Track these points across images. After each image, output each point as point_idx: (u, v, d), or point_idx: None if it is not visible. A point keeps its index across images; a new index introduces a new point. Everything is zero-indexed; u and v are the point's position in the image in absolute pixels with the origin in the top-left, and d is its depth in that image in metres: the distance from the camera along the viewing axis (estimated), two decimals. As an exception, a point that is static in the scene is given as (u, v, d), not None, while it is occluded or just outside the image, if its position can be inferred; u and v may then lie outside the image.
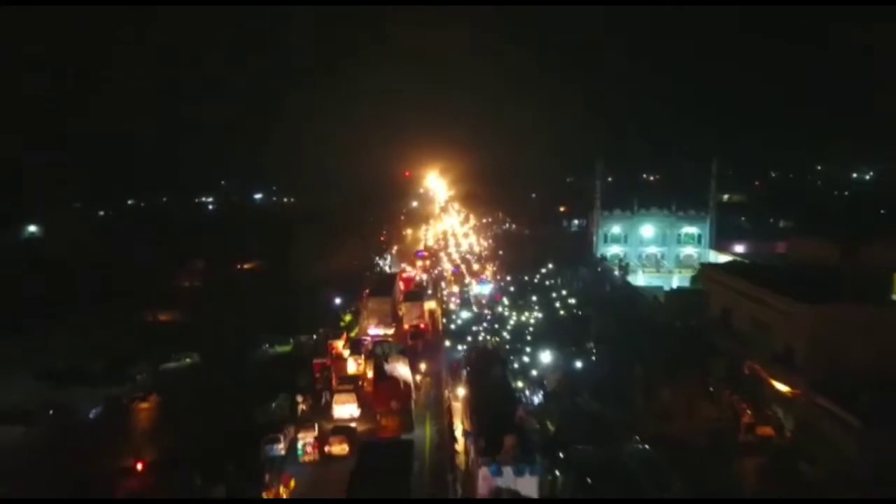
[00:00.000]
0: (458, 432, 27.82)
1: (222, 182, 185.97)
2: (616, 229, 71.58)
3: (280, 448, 27.30)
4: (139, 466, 26.95)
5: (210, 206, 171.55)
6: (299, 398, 32.26)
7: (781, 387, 28.97)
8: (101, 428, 31.85)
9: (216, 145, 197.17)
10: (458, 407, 30.39)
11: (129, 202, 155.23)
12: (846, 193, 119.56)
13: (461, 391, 30.32)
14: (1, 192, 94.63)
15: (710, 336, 35.23)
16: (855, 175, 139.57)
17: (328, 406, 31.97)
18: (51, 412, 32.49)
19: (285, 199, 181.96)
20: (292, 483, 23.81)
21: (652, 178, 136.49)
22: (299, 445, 26.80)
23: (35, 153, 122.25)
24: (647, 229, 70.47)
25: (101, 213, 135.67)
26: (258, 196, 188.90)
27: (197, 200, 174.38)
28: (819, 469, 24.80)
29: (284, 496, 23.09)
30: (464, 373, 31.66)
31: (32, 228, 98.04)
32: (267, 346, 44.83)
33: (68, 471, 26.30)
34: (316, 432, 27.44)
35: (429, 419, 31.64)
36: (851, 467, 24.11)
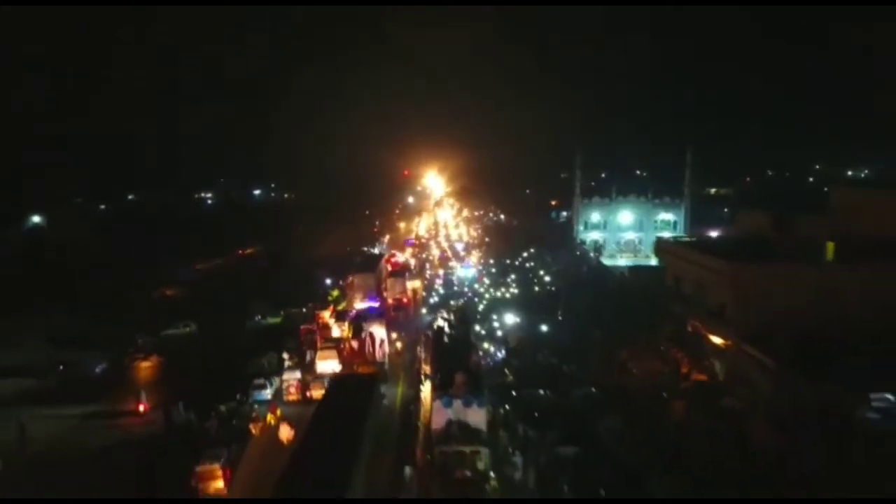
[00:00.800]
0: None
1: (221, 180, 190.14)
2: (595, 216, 74.96)
3: (267, 393, 30.67)
4: (141, 408, 30.38)
5: (209, 202, 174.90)
6: (286, 355, 35.45)
7: (716, 340, 32.29)
8: (105, 380, 35.27)
9: (216, 145, 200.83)
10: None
11: (130, 198, 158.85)
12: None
13: (428, 345, 33.71)
14: (5, 187, 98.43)
15: (663, 302, 38.58)
16: (850, 173, 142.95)
17: (312, 363, 35.15)
18: (60, 368, 35.82)
19: (286, 195, 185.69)
20: (279, 412, 27.14)
21: (643, 172, 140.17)
22: (284, 386, 30.19)
23: (37, 151, 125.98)
24: (626, 216, 73.81)
25: (102, 207, 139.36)
26: (257, 192, 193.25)
27: (196, 196, 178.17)
28: (740, 403, 28.12)
29: (272, 423, 26.32)
30: (430, 330, 35.05)
31: (36, 219, 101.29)
32: (259, 317, 48.22)
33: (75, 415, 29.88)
34: (300, 376, 30.84)
35: (402, 379, 34.99)
36: (767, 401, 27.42)
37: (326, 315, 44.71)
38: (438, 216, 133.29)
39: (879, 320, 28.01)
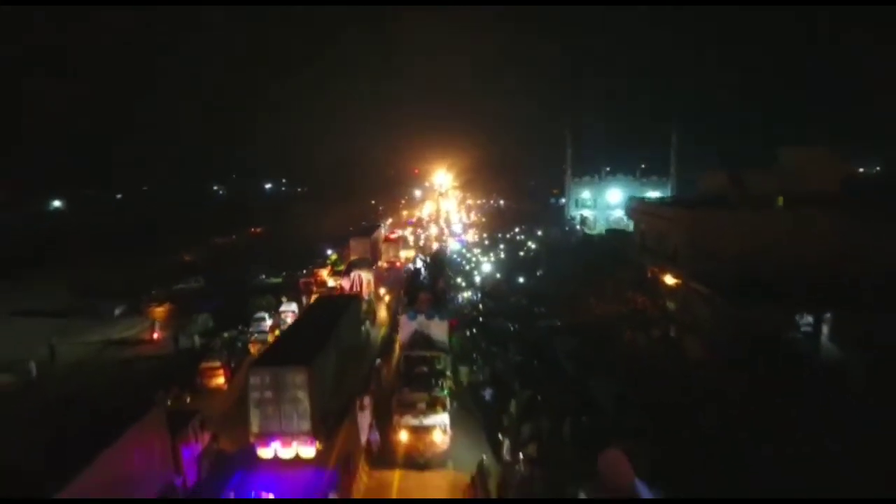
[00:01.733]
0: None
1: (234, 175, 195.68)
2: (585, 194, 78.10)
3: (266, 325, 34.46)
4: (155, 336, 34.47)
5: (220, 193, 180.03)
6: (283, 298, 39.36)
7: (670, 280, 35.65)
8: (122, 320, 39.40)
9: (230, 144, 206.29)
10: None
11: (144, 189, 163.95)
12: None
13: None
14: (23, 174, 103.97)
15: (630, 255, 41.97)
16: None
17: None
18: (81, 310, 40.03)
19: (298, 189, 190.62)
20: (276, 331, 31.04)
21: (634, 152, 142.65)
22: (282, 317, 34.05)
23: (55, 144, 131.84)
24: (614, 194, 76.76)
25: (119, 196, 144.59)
26: (268, 186, 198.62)
27: (211, 190, 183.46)
28: (686, 331, 31.51)
29: (270, 340, 30.14)
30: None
31: (56, 203, 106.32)
32: (263, 276, 52.22)
33: (97, 341, 34.07)
34: (296, 308, 34.73)
35: (388, 324, 38.73)
36: (710, 329, 30.80)
37: (324, 273, 48.75)
38: (442, 205, 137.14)
39: (810, 258, 31.22)
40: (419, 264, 42.33)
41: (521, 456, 18.73)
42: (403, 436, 19.71)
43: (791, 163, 36.98)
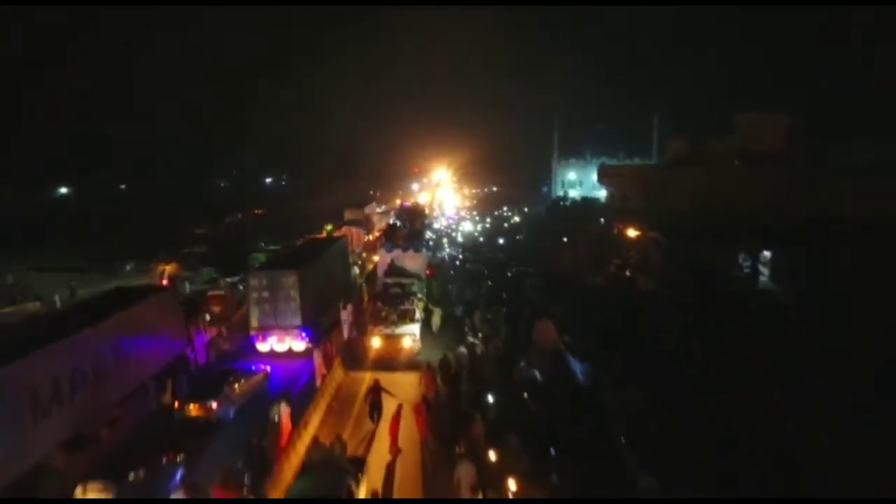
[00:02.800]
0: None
1: (234, 172, 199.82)
2: (571, 175, 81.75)
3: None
4: (164, 282, 38.16)
5: (222, 185, 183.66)
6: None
7: (632, 233, 39.31)
8: (133, 275, 43.15)
9: (229, 143, 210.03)
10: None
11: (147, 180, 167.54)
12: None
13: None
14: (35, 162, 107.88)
15: (599, 214, 45.69)
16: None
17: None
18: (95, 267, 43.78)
19: (298, 185, 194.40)
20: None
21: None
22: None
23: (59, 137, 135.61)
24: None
25: (122, 186, 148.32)
26: (269, 181, 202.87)
27: (213, 183, 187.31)
28: (640, 272, 35.16)
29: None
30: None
31: (63, 190, 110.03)
32: (262, 244, 55.92)
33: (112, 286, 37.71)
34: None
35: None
36: (659, 268, 34.46)
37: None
38: (437, 193, 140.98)
39: (753, 208, 34.90)
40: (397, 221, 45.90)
41: (479, 337, 22.29)
42: (376, 342, 22.75)
43: (744, 128, 40.56)
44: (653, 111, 78.53)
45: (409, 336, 22.93)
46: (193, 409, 16.90)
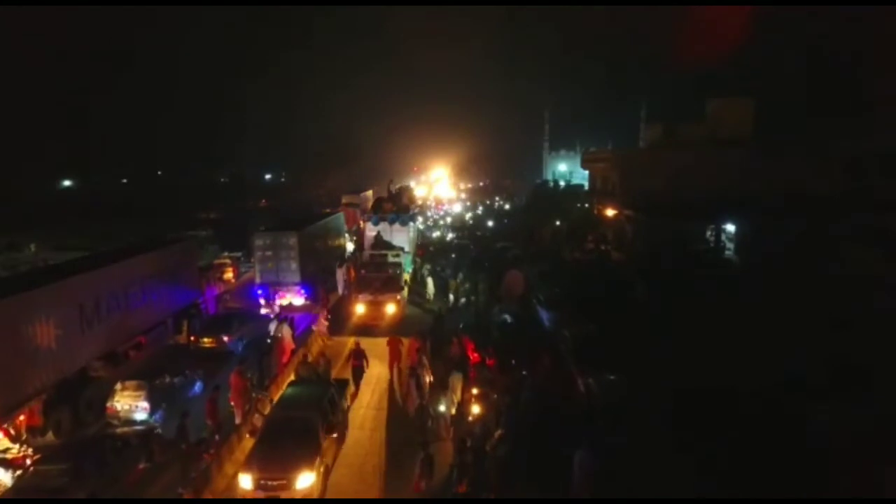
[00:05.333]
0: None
1: (231, 170, 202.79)
2: (562, 167, 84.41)
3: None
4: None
5: (222, 181, 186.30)
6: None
7: (610, 213, 42.03)
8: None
9: (229, 139, 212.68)
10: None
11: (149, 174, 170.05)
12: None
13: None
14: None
15: (582, 199, 48.42)
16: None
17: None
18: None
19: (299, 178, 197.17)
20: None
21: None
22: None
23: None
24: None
25: (124, 181, 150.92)
26: (268, 176, 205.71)
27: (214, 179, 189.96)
28: (615, 247, 37.91)
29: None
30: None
31: (67, 183, 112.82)
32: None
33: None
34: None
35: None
36: (632, 242, 37.19)
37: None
38: (434, 189, 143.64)
39: (720, 187, 37.53)
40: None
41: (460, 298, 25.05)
42: (360, 308, 24.36)
43: (715, 112, 43.20)
44: (640, 103, 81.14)
45: (393, 302, 24.29)
46: (207, 342, 19.66)
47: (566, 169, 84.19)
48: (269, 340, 18.92)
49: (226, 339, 19.64)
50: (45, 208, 77.36)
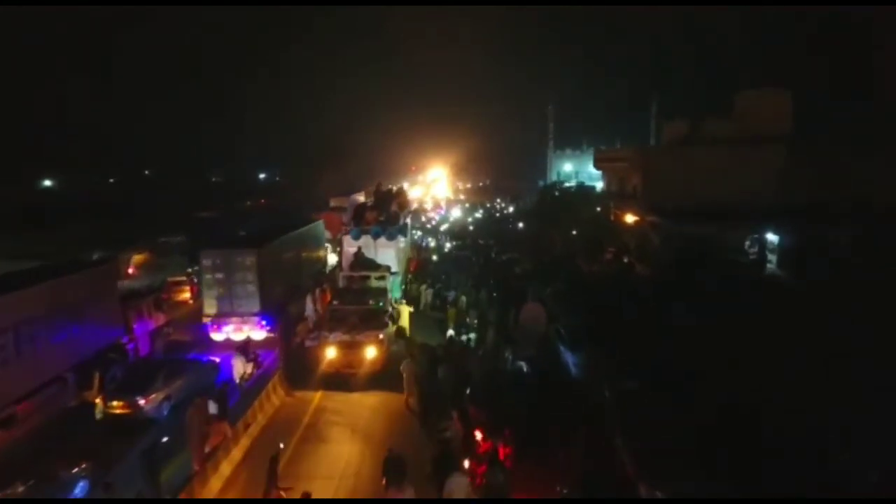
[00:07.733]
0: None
1: (223, 168, 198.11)
2: (567, 167, 79.37)
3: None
4: (130, 271, 35.94)
5: (214, 181, 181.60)
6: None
7: (630, 218, 36.94)
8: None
9: (225, 139, 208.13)
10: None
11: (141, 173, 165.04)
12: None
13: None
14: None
15: (594, 201, 43.35)
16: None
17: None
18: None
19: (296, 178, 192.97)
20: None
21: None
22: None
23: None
24: (595, 165, 78.02)
25: (111, 180, 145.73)
26: (262, 176, 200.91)
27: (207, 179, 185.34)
28: (638, 258, 32.88)
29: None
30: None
31: (47, 182, 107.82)
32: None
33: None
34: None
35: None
36: (656, 251, 32.16)
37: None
38: (432, 189, 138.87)
39: (755, 190, 32.58)
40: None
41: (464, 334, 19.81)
42: (331, 352, 17.88)
43: (745, 107, 38.17)
44: (651, 98, 76.10)
45: (374, 344, 18.02)
46: (117, 406, 14.51)
47: (572, 169, 79.14)
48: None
49: (142, 402, 14.48)
50: (20, 208, 72.44)
